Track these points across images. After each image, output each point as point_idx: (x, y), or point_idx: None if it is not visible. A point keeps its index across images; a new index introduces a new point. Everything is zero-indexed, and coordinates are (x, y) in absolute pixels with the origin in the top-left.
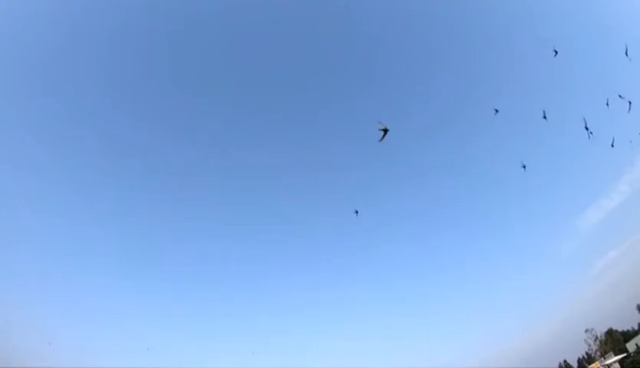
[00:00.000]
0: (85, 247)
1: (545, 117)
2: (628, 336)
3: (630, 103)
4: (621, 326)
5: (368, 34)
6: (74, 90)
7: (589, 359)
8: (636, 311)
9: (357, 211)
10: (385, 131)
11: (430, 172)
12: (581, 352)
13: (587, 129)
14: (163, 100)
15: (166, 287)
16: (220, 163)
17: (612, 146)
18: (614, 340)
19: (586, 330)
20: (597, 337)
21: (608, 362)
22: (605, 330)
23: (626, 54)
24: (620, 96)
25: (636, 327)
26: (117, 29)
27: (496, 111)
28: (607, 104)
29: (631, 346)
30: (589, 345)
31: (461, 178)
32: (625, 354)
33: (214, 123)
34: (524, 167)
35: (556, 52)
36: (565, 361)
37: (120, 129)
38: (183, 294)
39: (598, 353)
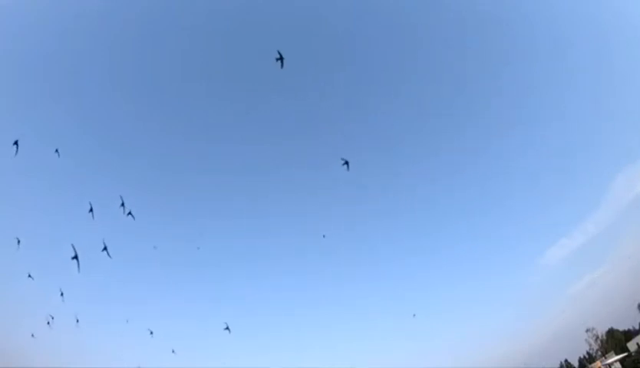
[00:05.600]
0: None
1: None
2: (629, 335)
3: None
4: (622, 325)
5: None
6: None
7: (590, 358)
8: (637, 311)
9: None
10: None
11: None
12: (582, 351)
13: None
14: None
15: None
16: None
17: None
18: (615, 340)
19: (587, 330)
20: (598, 337)
21: (609, 361)
22: (606, 329)
23: None
24: None
25: (637, 327)
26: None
27: None
28: None
29: (632, 345)
30: (590, 344)
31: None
32: (626, 353)
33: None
34: None
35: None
36: (566, 360)
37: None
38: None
39: (600, 353)
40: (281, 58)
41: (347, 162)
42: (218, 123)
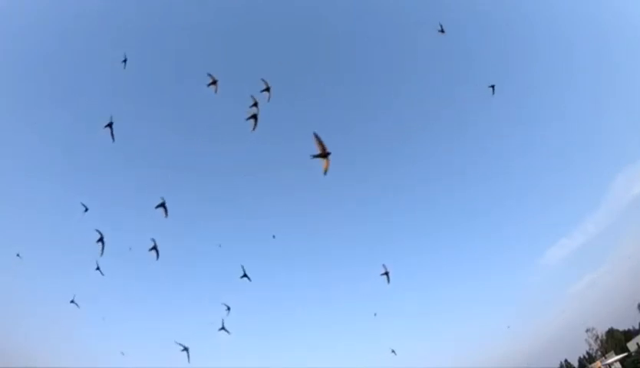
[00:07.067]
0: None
1: None
2: (629, 335)
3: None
4: (622, 325)
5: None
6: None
7: (590, 358)
8: (637, 311)
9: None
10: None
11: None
12: (582, 351)
13: None
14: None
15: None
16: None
17: None
18: (615, 340)
19: (587, 330)
20: (598, 337)
21: (609, 361)
22: (606, 329)
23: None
24: None
25: (637, 327)
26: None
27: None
28: None
29: (632, 345)
30: (590, 344)
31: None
32: (626, 353)
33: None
34: None
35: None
36: (566, 360)
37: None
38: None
39: (599, 353)
40: (442, 30)
41: (492, 86)
42: (218, 122)
